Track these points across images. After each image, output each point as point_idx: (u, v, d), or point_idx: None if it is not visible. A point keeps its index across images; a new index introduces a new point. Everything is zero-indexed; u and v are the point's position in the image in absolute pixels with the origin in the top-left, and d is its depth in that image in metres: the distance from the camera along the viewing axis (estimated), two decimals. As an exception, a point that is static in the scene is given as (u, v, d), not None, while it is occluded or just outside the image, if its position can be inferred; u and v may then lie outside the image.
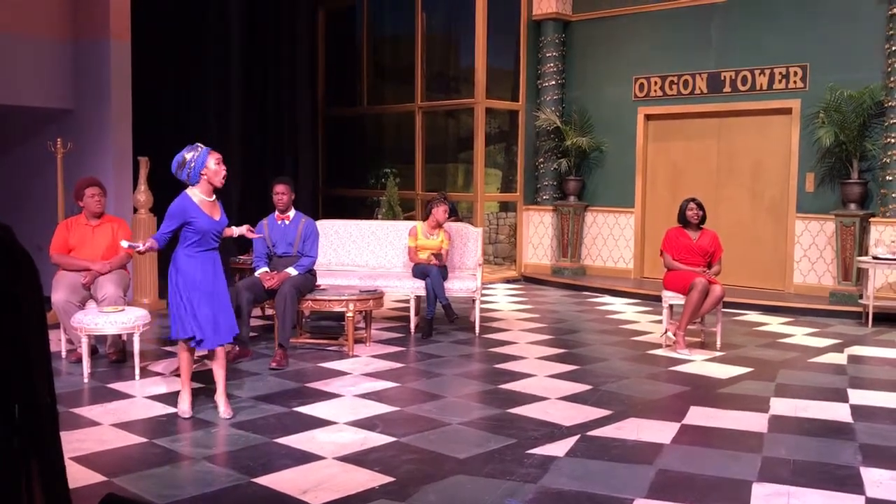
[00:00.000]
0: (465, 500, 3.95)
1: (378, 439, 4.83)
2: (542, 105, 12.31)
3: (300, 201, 11.97)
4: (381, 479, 4.19)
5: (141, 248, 5.20)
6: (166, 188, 10.11)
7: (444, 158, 14.39)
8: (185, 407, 5.24)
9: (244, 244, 8.31)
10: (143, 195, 9.07)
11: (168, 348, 7.22)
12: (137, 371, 6.17)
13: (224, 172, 5.19)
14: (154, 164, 9.26)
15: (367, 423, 5.09)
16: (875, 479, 4.27)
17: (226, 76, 11.73)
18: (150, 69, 10.59)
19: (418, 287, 8.00)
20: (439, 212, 8.13)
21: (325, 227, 8.71)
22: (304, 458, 4.51)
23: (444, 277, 7.98)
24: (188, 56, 11.44)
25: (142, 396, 5.71)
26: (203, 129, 11.56)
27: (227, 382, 5.44)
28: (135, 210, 9.08)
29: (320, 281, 7.60)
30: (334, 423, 5.11)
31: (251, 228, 5.91)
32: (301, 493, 3.99)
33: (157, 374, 6.32)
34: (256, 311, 8.18)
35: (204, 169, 5.09)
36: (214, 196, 5.21)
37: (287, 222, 7.16)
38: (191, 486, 4.07)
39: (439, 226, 8.19)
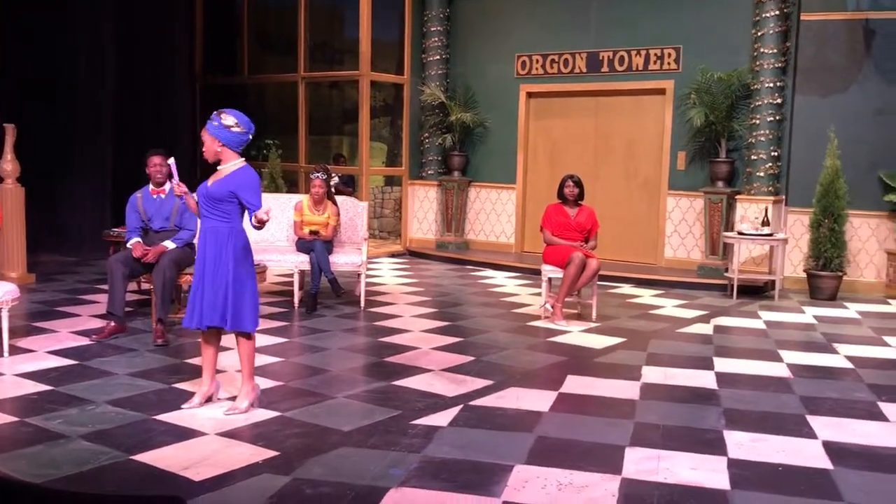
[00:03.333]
0: (350, 471, 3.99)
1: (261, 414, 4.80)
2: (426, 79, 12.35)
3: (178, 172, 11.64)
4: (265, 454, 4.18)
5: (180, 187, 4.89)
6: (36, 156, 9.67)
7: (329, 131, 14.24)
8: (195, 399, 4.90)
9: (121, 217, 7.98)
10: (10, 164, 8.62)
11: (37, 323, 6.92)
12: (6, 348, 5.90)
13: (203, 148, 4.85)
14: (21, 132, 8.81)
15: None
16: (736, 441, 4.56)
17: (96, 39, 11.19)
18: (16, 31, 10.01)
19: (302, 261, 7.94)
20: (313, 187, 8.07)
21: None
22: (185, 434, 4.44)
23: (330, 252, 7.95)
24: (56, 18, 10.86)
25: (11, 374, 5.47)
26: (73, 95, 11.04)
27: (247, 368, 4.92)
28: (1, 180, 8.61)
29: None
30: (216, 398, 5.04)
31: (180, 185, 5.06)
32: (182, 470, 3.94)
33: (28, 350, 6.06)
34: (132, 286, 7.93)
35: None
36: (231, 164, 4.82)
37: (163, 196, 6.87)
38: (66, 465, 3.94)
39: (323, 201, 8.14)
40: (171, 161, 5.02)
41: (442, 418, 4.81)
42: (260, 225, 4.68)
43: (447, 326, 7.40)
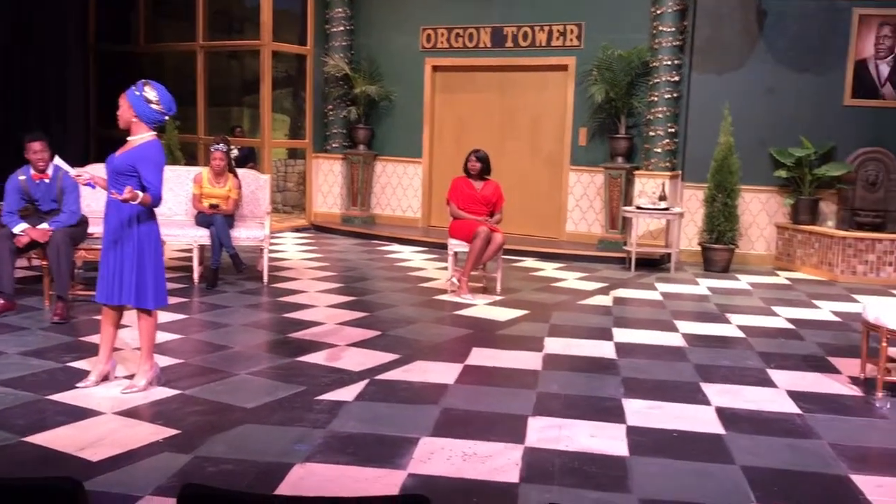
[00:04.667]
0: (254, 448, 3.94)
1: (161, 392, 4.69)
2: (330, 51, 12.16)
3: (70, 143, 11.18)
4: (166, 432, 4.09)
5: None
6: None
7: (229, 102, 13.88)
8: (91, 378, 4.77)
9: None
10: None
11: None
12: None
13: (118, 112, 4.69)
14: None
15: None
16: (634, 409, 4.70)
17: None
18: None
19: (202, 236, 7.75)
20: (214, 159, 7.88)
21: (98, 171, 8.17)
22: (81, 414, 4.30)
23: (231, 226, 7.78)
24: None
25: None
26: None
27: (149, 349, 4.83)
28: None
29: (93, 229, 7.16)
30: (113, 377, 4.89)
31: (80, 175, 4.81)
32: (78, 451, 3.81)
33: None
34: (22, 262, 7.59)
35: None
36: (140, 136, 4.68)
37: (47, 181, 6.51)
38: (-49, 450, 3.77)
39: (224, 173, 7.95)
40: (58, 161, 4.80)
41: (348, 393, 4.79)
42: (126, 201, 4.47)
43: (353, 301, 7.36)
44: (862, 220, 9.51)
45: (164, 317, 6.40)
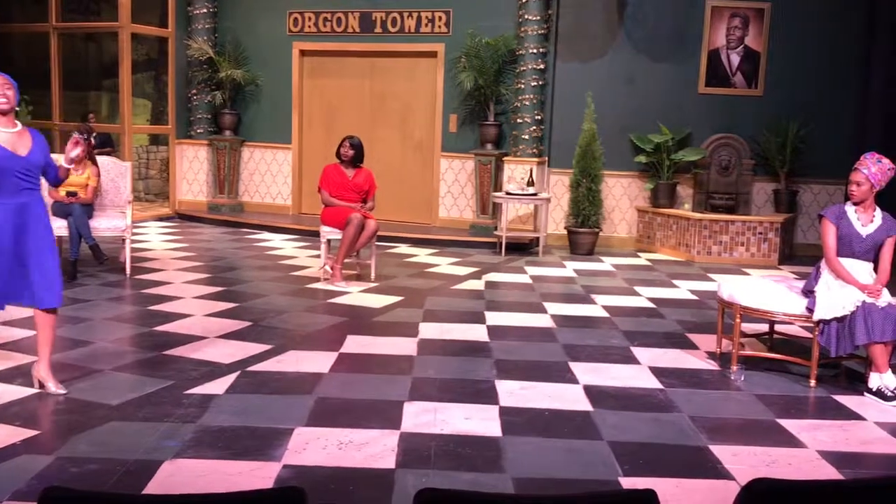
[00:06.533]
0: (120, 446, 3.79)
1: (18, 392, 4.45)
2: (193, 33, 11.75)
3: None
4: (24, 434, 3.88)
5: None
6: None
7: (86, 86, 13.22)
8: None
9: None
10: None
11: None
12: None
13: (6, 98, 4.26)
14: None
15: (3, 376, 4.66)
16: (507, 389, 4.81)
17: None
18: None
19: (59, 227, 7.36)
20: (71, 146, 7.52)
21: None
22: (-73, 419, 4.03)
23: (90, 216, 7.44)
24: None
25: None
26: None
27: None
28: None
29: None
30: (-36, 378, 4.61)
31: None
32: (-75, 459, 3.57)
33: None
34: None
35: None
36: (20, 126, 4.33)
37: None
38: None
39: (82, 160, 7.58)
40: None
41: (218, 386, 4.68)
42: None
43: (222, 292, 7.18)
44: (716, 202, 10.04)
45: (17, 312, 6.05)
